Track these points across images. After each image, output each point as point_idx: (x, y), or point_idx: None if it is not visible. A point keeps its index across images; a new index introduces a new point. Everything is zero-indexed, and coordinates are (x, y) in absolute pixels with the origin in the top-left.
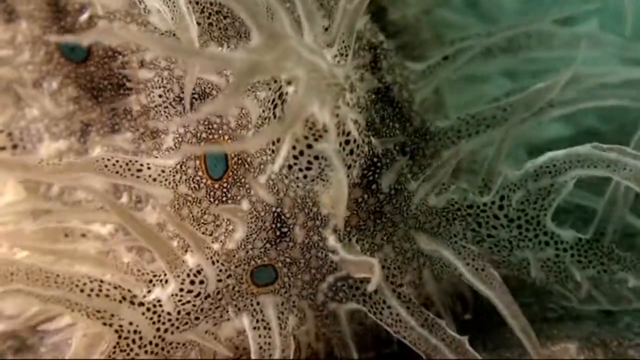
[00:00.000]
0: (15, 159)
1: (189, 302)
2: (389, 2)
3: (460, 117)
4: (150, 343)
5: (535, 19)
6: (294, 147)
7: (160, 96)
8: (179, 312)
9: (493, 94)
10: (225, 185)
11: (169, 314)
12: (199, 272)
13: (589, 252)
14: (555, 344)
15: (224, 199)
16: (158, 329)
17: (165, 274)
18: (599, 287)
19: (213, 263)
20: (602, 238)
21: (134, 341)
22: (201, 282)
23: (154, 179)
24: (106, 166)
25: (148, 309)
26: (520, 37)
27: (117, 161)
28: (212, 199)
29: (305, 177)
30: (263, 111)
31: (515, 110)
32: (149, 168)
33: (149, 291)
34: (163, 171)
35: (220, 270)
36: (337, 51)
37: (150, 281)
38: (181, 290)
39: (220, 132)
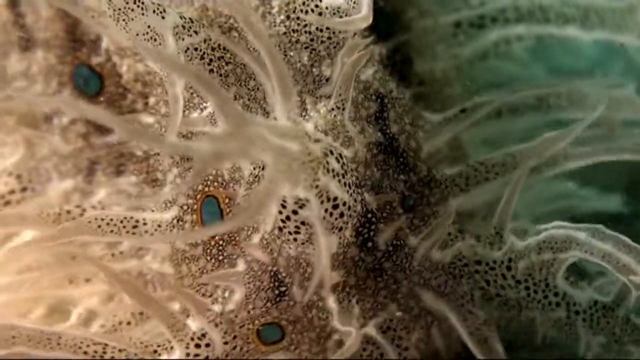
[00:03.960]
0: (15, 215)
1: None
2: (416, 53)
3: (468, 163)
4: None
5: (558, 83)
6: (280, 212)
7: None
8: None
9: None
10: (220, 242)
11: None
12: (203, 335)
13: (602, 319)
14: None
15: (220, 257)
16: None
17: (169, 341)
18: (608, 352)
19: (216, 325)
20: (618, 308)
21: None
22: (207, 344)
23: (151, 234)
24: (99, 226)
25: None
26: (550, 96)
27: (112, 219)
28: (208, 257)
29: (295, 239)
30: (254, 168)
31: (524, 158)
32: (144, 224)
33: None
34: (160, 226)
35: (225, 332)
36: (333, 104)
37: (155, 351)
38: (187, 355)
39: (215, 184)
